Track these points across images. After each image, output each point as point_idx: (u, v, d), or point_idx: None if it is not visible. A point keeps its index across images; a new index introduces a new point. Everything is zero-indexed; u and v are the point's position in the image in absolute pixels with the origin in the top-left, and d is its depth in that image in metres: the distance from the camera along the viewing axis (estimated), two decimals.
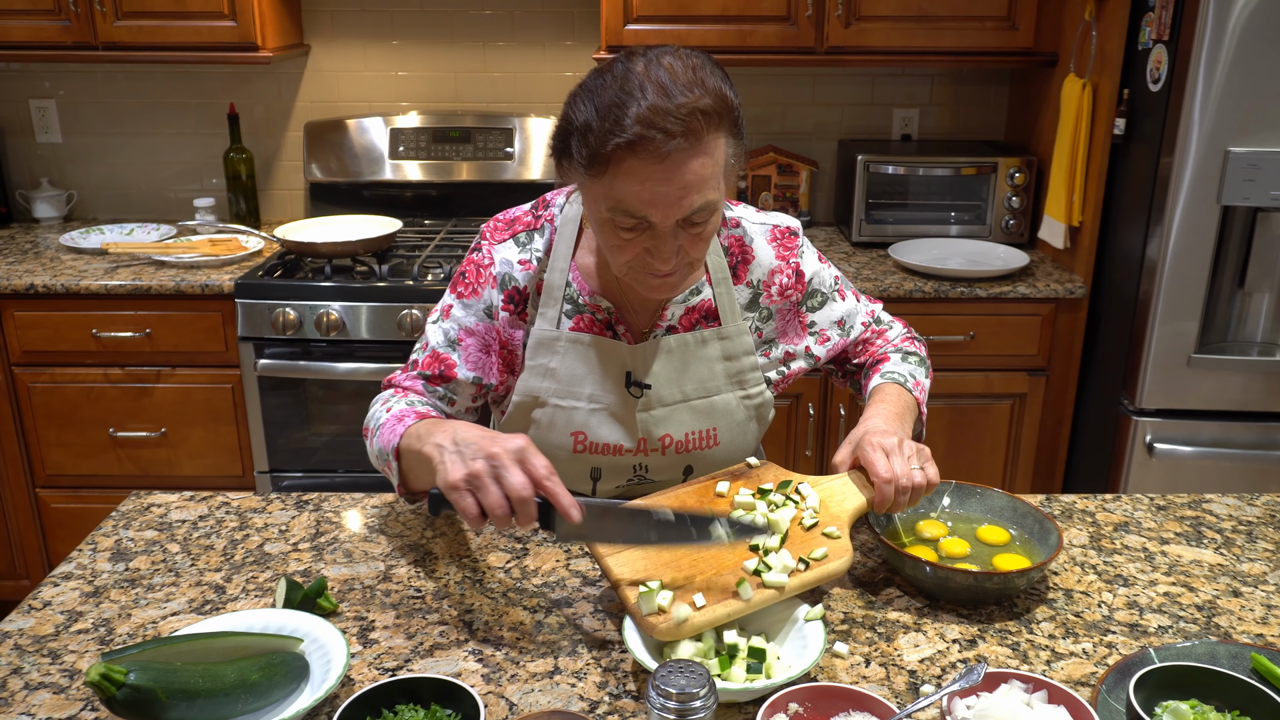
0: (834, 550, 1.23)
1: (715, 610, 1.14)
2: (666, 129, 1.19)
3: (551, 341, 1.46)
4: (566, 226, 1.47)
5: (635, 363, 1.45)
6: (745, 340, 1.50)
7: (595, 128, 1.22)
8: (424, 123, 3.26)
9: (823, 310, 1.56)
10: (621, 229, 1.28)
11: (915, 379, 1.55)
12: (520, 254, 1.47)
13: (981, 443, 2.90)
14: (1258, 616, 1.28)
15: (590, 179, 1.26)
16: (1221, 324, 2.59)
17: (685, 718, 0.91)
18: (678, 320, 1.47)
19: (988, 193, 3.05)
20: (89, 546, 1.42)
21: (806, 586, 1.20)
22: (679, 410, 1.47)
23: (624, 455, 1.48)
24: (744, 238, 1.51)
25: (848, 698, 1.05)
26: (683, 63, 1.24)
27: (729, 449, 1.52)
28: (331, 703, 1.10)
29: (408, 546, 1.43)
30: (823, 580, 1.21)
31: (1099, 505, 1.57)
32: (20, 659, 1.18)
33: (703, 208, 1.27)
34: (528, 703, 1.11)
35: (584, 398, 1.46)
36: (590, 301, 1.46)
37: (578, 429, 1.46)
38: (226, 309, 2.73)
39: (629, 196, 1.24)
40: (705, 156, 1.24)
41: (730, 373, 1.50)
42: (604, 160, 1.22)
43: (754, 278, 1.51)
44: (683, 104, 1.20)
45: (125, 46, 2.91)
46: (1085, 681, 1.16)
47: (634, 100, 1.20)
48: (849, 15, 2.87)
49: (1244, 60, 2.31)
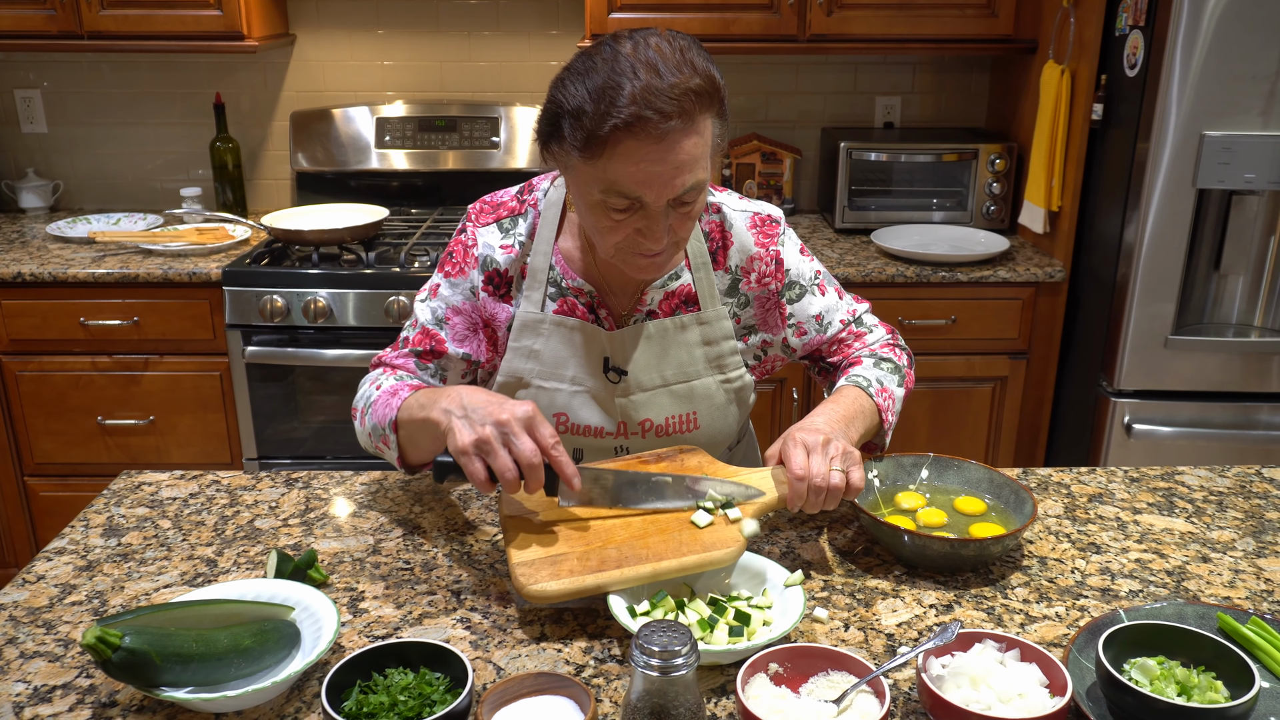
0: (725, 539, 1.24)
1: (584, 579, 1.17)
2: (662, 109, 1.21)
3: (536, 324, 1.48)
4: (550, 211, 1.49)
5: (613, 348, 1.48)
6: (724, 325, 1.51)
7: (589, 110, 1.22)
8: (410, 112, 3.27)
9: (800, 303, 1.56)
10: (614, 210, 1.29)
11: (882, 385, 1.51)
12: (503, 239, 1.49)
13: (964, 425, 2.94)
14: (1225, 581, 1.32)
15: (584, 161, 1.26)
16: (1198, 306, 2.64)
17: (668, 674, 0.93)
18: (657, 305, 1.49)
19: (969, 179, 3.08)
20: (81, 523, 1.44)
21: (687, 570, 1.20)
22: (659, 395, 1.50)
23: (605, 438, 1.50)
24: (724, 223, 1.52)
25: (826, 657, 1.08)
26: (670, 44, 1.26)
27: (709, 432, 1.54)
28: (322, 668, 1.13)
29: (396, 521, 1.46)
30: (707, 566, 1.21)
31: (1074, 478, 1.60)
32: (15, 629, 1.20)
33: (693, 187, 1.28)
34: (514, 667, 1.14)
35: (566, 380, 1.48)
36: (573, 285, 1.48)
37: (560, 410, 1.49)
38: (214, 297, 2.74)
39: (624, 177, 1.25)
40: (697, 136, 1.26)
41: (710, 357, 1.51)
42: (600, 142, 1.23)
43: (733, 263, 1.52)
44: (675, 84, 1.22)
45: (111, 36, 2.92)
46: (1058, 643, 1.19)
47: (627, 81, 1.21)
48: (831, 3, 2.90)
49: (1218, 45, 2.35)
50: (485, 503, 1.51)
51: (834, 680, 1.06)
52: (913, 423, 2.91)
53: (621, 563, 1.20)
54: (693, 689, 0.95)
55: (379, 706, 1.01)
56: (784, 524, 1.46)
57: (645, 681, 0.94)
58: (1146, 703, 0.99)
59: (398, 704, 1.01)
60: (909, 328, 2.80)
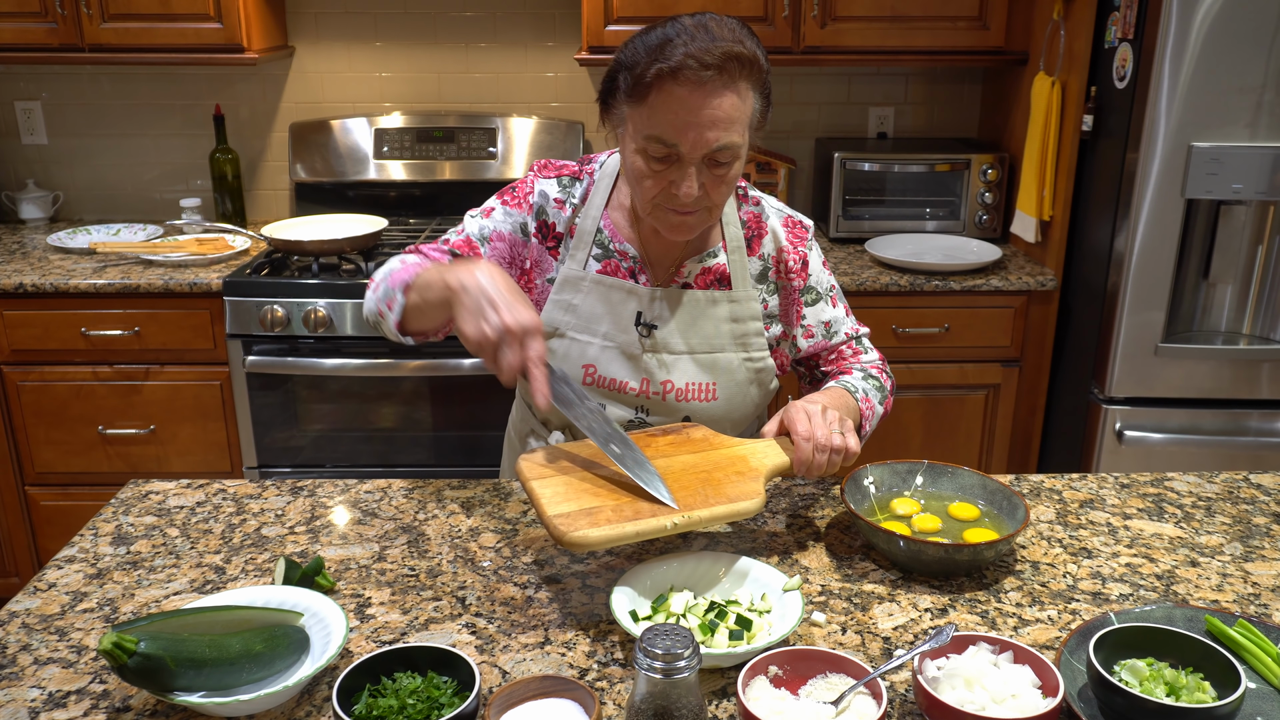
0: (748, 491, 1.31)
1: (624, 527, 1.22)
2: (705, 61, 1.33)
3: (577, 280, 1.58)
4: (604, 180, 1.61)
5: (649, 305, 1.57)
6: (753, 306, 1.61)
7: (643, 59, 1.37)
8: (408, 123, 3.30)
9: (814, 308, 1.66)
10: (653, 159, 1.41)
11: (867, 396, 1.60)
12: (558, 193, 1.60)
13: (957, 433, 2.97)
14: (1213, 584, 1.35)
15: (632, 106, 1.40)
16: (1187, 314, 2.67)
17: (670, 676, 0.96)
18: (693, 278, 1.60)
19: (961, 189, 3.12)
20: (90, 532, 1.47)
21: (718, 519, 1.27)
22: (683, 360, 1.58)
23: (628, 393, 1.58)
24: (761, 215, 1.64)
25: (825, 660, 1.11)
26: (725, 24, 1.39)
27: (728, 406, 1.61)
28: (331, 673, 1.15)
29: (400, 528, 1.48)
30: (734, 516, 1.28)
31: (1066, 484, 1.63)
32: (29, 636, 1.23)
33: (726, 146, 1.39)
34: (520, 671, 1.17)
35: (599, 334, 1.58)
36: (619, 248, 1.59)
37: (590, 362, 1.58)
38: (215, 307, 2.77)
39: (664, 123, 1.37)
40: (735, 96, 1.37)
41: (735, 334, 1.60)
42: (646, 86, 1.36)
43: (766, 252, 1.63)
44: (722, 47, 1.34)
45: (111, 48, 2.94)
46: (1050, 645, 1.22)
47: (680, 40, 1.35)
48: (825, 16, 2.93)
49: (1206, 58, 2.39)
50: (488, 509, 1.54)
51: (832, 682, 1.09)
52: (907, 430, 2.95)
53: (656, 513, 1.25)
54: (695, 691, 0.98)
55: (388, 710, 1.03)
56: (782, 530, 1.48)
57: (648, 684, 0.96)
58: (1136, 703, 1.02)
59: (407, 707, 1.03)
60: (903, 336, 2.84)
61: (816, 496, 1.58)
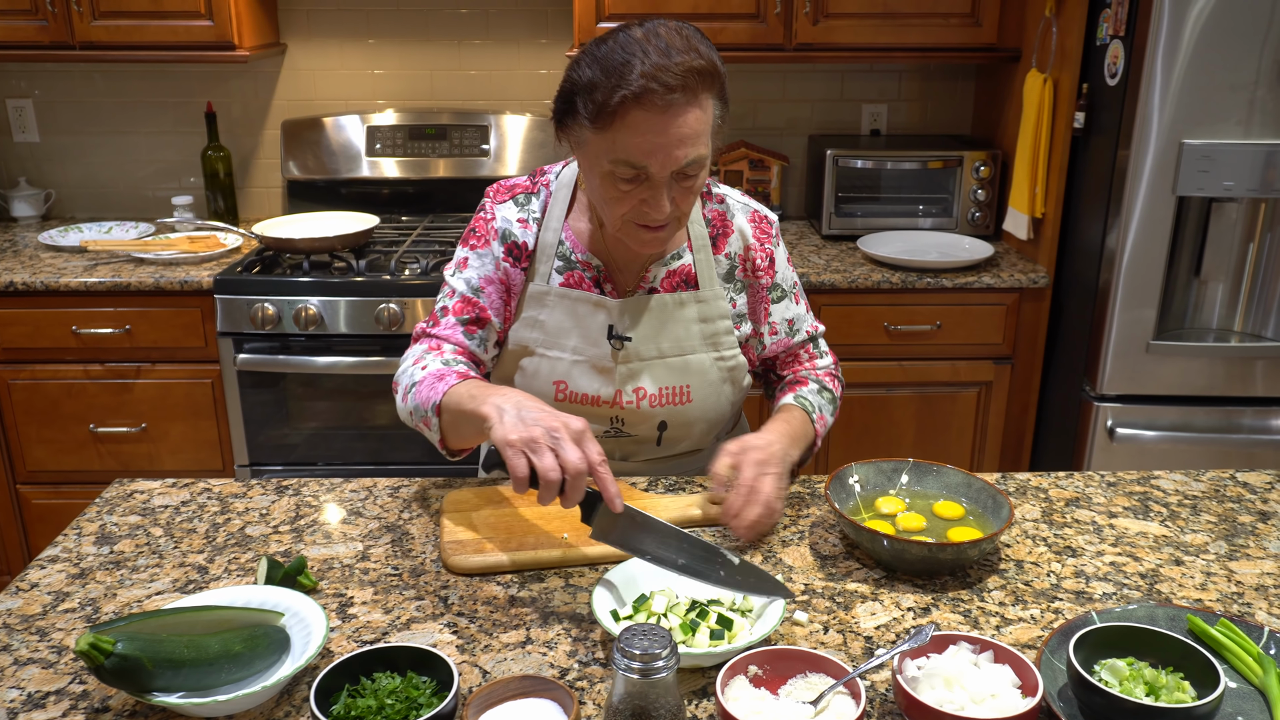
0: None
1: (500, 556, 1.36)
2: (667, 83, 1.31)
3: (542, 295, 1.56)
4: (561, 191, 1.59)
5: (618, 316, 1.56)
6: (721, 305, 1.60)
7: (601, 83, 1.33)
8: (400, 120, 3.30)
9: (780, 305, 1.67)
10: (621, 180, 1.39)
11: (821, 413, 1.63)
12: (519, 213, 1.58)
13: (949, 430, 2.97)
14: (1197, 583, 1.35)
15: (596, 132, 1.37)
16: (1179, 311, 2.67)
17: (648, 676, 0.96)
18: (659, 282, 1.58)
19: (954, 186, 3.11)
20: (74, 531, 1.46)
21: (590, 560, 1.38)
22: (654, 365, 1.57)
23: (601, 406, 1.57)
24: (726, 213, 1.62)
25: (805, 660, 1.10)
26: (677, 32, 1.37)
27: (702, 408, 1.61)
28: (312, 673, 1.15)
29: (385, 528, 1.48)
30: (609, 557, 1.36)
31: (1052, 482, 1.63)
32: (9, 636, 1.22)
33: (695, 160, 1.38)
34: (500, 670, 1.16)
35: (568, 349, 1.56)
36: (581, 259, 1.57)
37: (560, 378, 1.57)
38: (206, 305, 2.76)
39: (631, 147, 1.35)
40: (699, 111, 1.36)
41: (705, 334, 1.59)
42: (610, 113, 1.33)
43: (732, 250, 1.62)
44: (680, 62, 1.33)
45: (102, 46, 2.94)
46: (1032, 644, 1.22)
47: (637, 59, 1.32)
48: (817, 13, 2.93)
49: (1198, 56, 2.39)
50: None
51: (812, 682, 1.09)
52: (899, 427, 2.94)
53: (536, 547, 1.37)
54: (673, 691, 0.97)
55: (366, 710, 1.03)
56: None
57: (626, 684, 0.96)
58: (1115, 703, 1.02)
59: (385, 707, 1.03)
60: (895, 333, 2.84)
61: (802, 495, 1.58)
